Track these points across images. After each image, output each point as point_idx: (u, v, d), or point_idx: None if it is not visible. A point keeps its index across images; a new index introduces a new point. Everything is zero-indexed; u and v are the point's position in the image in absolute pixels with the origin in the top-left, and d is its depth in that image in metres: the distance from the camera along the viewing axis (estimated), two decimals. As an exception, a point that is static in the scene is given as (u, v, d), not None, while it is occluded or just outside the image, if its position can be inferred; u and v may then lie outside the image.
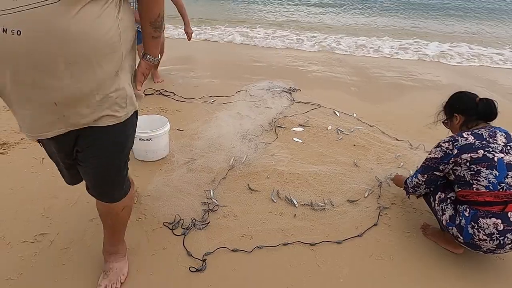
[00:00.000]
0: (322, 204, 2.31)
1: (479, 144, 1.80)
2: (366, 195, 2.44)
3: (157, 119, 2.82)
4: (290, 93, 4.12)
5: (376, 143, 3.13)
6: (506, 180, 1.73)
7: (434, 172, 1.96)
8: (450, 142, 1.88)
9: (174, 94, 3.97)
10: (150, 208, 2.19)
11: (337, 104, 3.86)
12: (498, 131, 1.86)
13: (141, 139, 2.60)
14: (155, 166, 2.63)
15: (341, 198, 2.40)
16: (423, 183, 2.03)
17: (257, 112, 3.58)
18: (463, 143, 1.84)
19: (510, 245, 1.75)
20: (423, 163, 2.05)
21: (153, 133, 2.59)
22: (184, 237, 1.99)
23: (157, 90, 4.03)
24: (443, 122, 2.15)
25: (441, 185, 2.01)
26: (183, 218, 2.10)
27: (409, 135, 3.29)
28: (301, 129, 3.33)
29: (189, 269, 1.79)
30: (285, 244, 1.99)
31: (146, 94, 3.93)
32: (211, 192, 2.35)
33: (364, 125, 3.47)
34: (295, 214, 2.23)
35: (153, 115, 2.93)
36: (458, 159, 1.84)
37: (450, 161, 1.88)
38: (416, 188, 2.08)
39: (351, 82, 4.76)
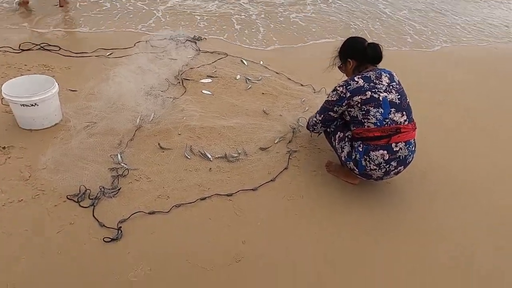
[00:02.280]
0: (236, 155, 2.36)
1: (367, 86, 1.99)
2: (276, 142, 2.55)
3: (41, 79, 2.43)
4: (195, 42, 3.91)
5: (283, 90, 3.24)
6: (390, 116, 1.97)
7: (329, 113, 2.15)
8: (344, 86, 2.04)
9: (60, 49, 3.43)
10: (48, 183, 1.96)
11: (243, 52, 3.82)
12: (383, 73, 2.06)
13: (24, 105, 2.23)
14: (47, 134, 2.32)
15: (254, 147, 2.47)
16: (319, 122, 2.24)
17: (160, 64, 3.34)
18: (355, 87, 2.01)
19: (394, 171, 2.05)
20: (322, 104, 2.21)
21: (39, 97, 2.24)
22: (94, 208, 1.85)
23: (37, 44, 3.43)
24: (338, 67, 2.30)
25: (340, 125, 2.21)
26: (89, 188, 1.94)
27: (312, 80, 3.46)
28: (210, 80, 3.24)
29: (103, 239, 1.70)
30: (202, 199, 2.01)
31: (23, 50, 3.32)
32: (119, 156, 2.19)
33: (271, 72, 3.53)
34: (210, 168, 2.24)
35: (36, 75, 2.51)
36: (351, 102, 2.02)
37: (344, 104, 2.05)
38: (314, 127, 2.31)
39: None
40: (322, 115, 2.20)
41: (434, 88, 3.67)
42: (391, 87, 2.02)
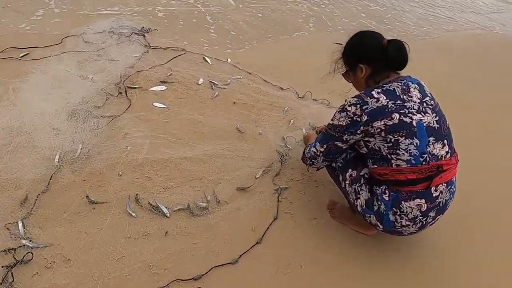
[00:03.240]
0: (204, 204, 1.65)
1: (393, 105, 1.35)
2: (258, 176, 1.87)
3: None
4: (144, 36, 3.08)
5: (259, 97, 2.54)
6: (428, 149, 1.35)
7: (336, 143, 1.48)
8: (358, 106, 1.38)
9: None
10: None
11: (206, 47, 3.07)
12: (411, 84, 1.43)
13: None
14: None
15: (229, 187, 1.77)
16: (321, 154, 1.55)
17: (96, 68, 2.51)
18: (374, 106, 1.36)
19: (431, 223, 1.45)
20: (324, 129, 1.55)
21: None
22: None
23: None
24: (343, 75, 1.63)
25: (351, 159, 1.56)
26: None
27: (292, 81, 2.81)
28: (164, 87, 2.46)
29: None
30: (156, 292, 1.30)
31: None
32: (20, 225, 1.41)
33: (242, 72, 2.81)
34: (167, 232, 1.52)
35: None
36: (370, 128, 1.37)
37: (359, 131, 1.40)
38: (313, 160, 1.61)
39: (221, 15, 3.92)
40: (325, 146, 1.53)
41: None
42: (424, 104, 1.40)
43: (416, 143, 1.33)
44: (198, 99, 2.41)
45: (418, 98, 1.39)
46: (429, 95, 1.44)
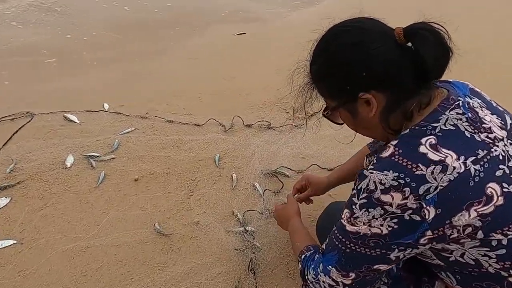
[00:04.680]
0: None
1: (478, 166, 0.60)
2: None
3: None
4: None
5: (171, 154, 1.65)
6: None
7: (376, 267, 0.69)
8: (407, 190, 0.59)
9: None
10: None
11: (62, 99, 2.02)
12: (471, 102, 0.69)
13: None
14: None
15: None
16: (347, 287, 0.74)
17: None
18: (444, 183, 0.59)
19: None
20: (337, 240, 0.72)
21: None
22: None
23: None
24: (325, 115, 0.82)
25: (404, 275, 0.80)
26: None
27: (208, 105, 2.01)
28: (5, 200, 1.41)
29: None
30: None
31: None
32: None
33: (132, 120, 1.87)
34: None
35: None
36: (447, 229, 0.61)
37: (423, 240, 0.63)
38: None
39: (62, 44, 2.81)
40: (353, 274, 0.72)
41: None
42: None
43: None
44: (72, 199, 1.43)
45: (500, 127, 0.67)
46: (503, 110, 0.74)
